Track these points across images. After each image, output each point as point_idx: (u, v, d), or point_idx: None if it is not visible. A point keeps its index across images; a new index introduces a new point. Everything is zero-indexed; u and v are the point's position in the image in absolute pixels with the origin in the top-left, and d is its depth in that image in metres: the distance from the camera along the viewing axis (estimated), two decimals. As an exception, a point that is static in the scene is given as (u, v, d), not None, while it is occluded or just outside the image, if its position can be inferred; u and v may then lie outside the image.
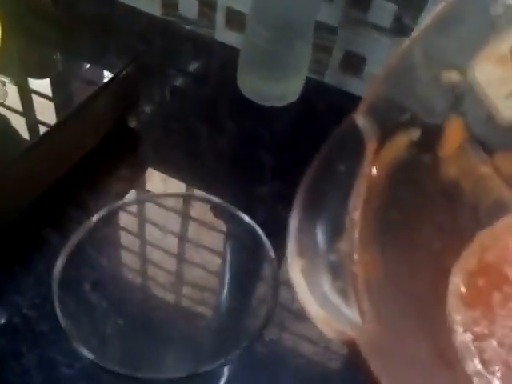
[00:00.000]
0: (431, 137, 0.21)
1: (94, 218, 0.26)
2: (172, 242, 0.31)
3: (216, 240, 0.31)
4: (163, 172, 0.39)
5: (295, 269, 0.15)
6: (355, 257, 0.16)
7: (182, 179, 0.39)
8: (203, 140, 0.41)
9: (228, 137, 0.42)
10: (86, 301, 0.26)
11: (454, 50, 0.19)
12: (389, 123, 0.19)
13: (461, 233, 0.24)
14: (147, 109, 0.43)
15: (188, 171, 0.39)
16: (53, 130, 0.33)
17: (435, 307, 0.22)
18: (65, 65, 0.38)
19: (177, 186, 0.38)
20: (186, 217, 0.30)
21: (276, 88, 0.43)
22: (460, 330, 0.21)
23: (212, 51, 0.49)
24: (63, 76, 0.37)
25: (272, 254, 0.25)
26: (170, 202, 0.29)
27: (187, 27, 0.49)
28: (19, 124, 0.33)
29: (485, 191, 0.24)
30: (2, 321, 0.30)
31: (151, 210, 0.29)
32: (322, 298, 0.15)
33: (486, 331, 0.21)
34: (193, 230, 0.31)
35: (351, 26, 0.43)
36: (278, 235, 0.21)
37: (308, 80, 0.44)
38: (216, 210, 0.29)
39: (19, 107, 0.34)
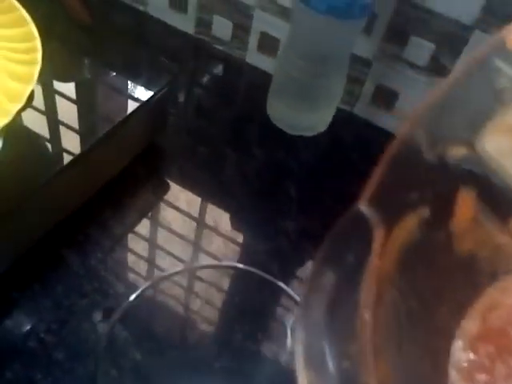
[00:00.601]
0: (442, 213, 0.20)
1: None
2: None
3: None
4: (187, 194, 0.38)
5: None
6: (369, 364, 0.15)
7: (206, 202, 0.38)
8: (229, 164, 0.41)
9: (255, 163, 0.41)
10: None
11: (459, 125, 0.18)
12: (396, 207, 0.18)
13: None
14: (174, 129, 0.42)
15: (212, 195, 0.39)
16: (81, 156, 0.32)
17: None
18: (93, 74, 0.37)
19: (197, 207, 0.38)
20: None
21: (306, 119, 0.43)
22: None
23: (242, 73, 0.48)
24: (94, 92, 0.36)
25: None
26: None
27: (218, 47, 0.49)
28: (46, 148, 0.32)
29: (503, 259, 0.23)
30: (19, 344, 0.30)
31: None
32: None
33: None
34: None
35: (386, 60, 0.42)
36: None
37: (337, 110, 0.43)
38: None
39: (46, 134, 0.33)
